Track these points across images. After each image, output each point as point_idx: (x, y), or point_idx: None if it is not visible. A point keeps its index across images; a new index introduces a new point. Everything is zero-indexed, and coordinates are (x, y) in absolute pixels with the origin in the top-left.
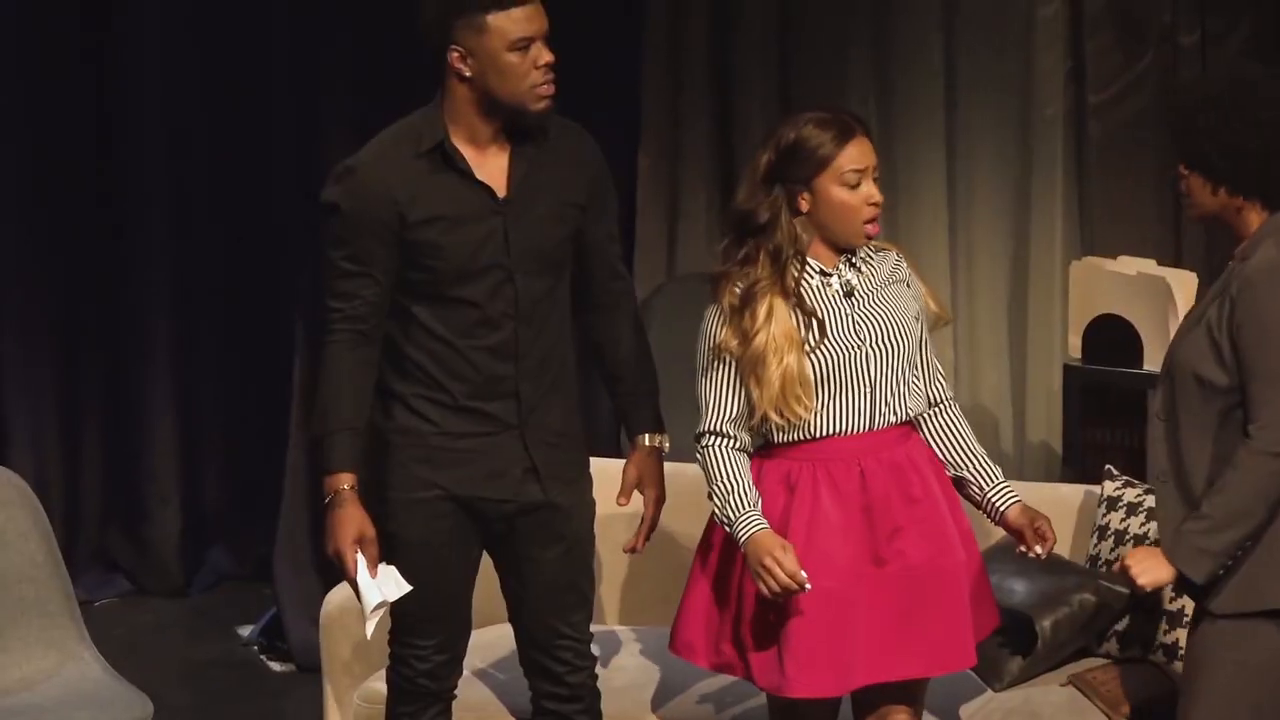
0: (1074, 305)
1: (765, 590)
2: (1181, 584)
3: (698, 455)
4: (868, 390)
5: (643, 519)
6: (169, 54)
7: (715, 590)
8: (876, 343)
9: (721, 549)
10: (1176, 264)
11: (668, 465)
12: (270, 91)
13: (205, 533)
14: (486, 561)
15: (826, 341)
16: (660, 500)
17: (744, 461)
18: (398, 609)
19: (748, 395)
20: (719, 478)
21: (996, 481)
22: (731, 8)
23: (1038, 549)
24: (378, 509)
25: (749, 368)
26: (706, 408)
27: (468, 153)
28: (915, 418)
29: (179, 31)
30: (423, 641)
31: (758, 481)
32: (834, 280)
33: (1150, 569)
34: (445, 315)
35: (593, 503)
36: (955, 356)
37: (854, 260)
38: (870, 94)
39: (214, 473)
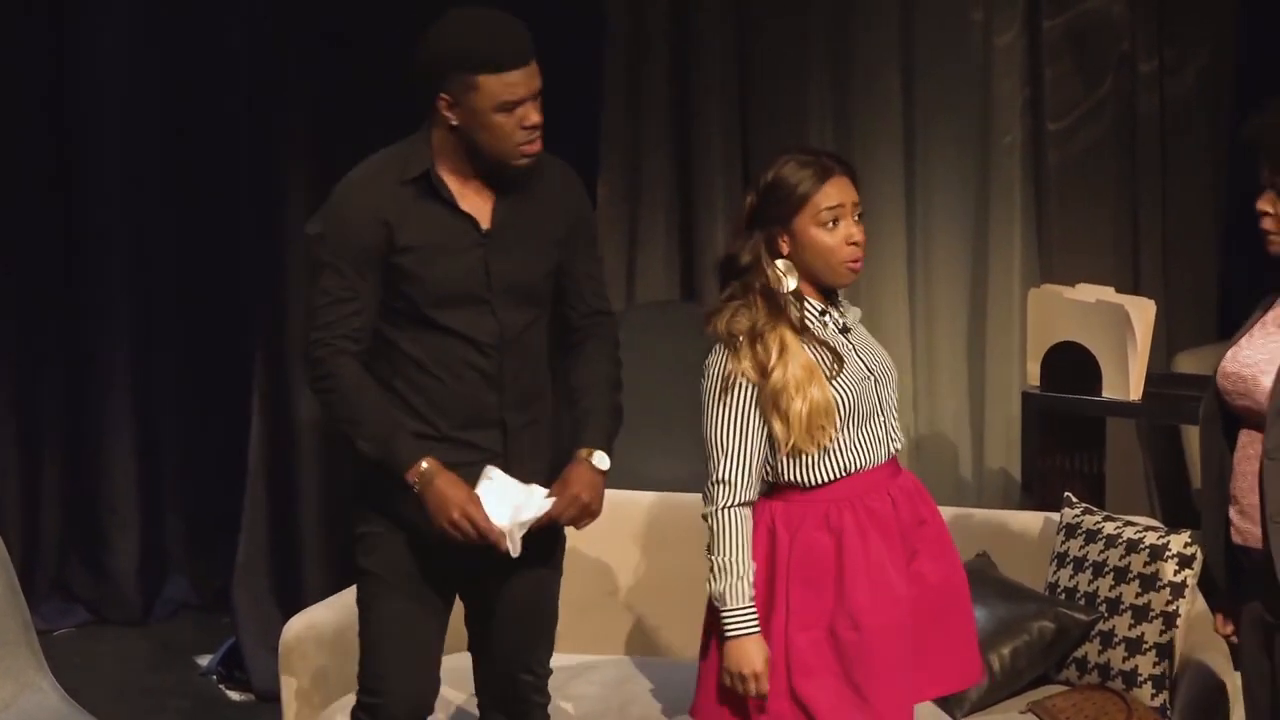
0: (1032, 332)
1: (740, 690)
2: None
3: (714, 516)
4: (881, 419)
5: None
6: (133, 74)
7: None
8: (880, 373)
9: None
10: (1135, 291)
11: (621, 492)
12: (237, 127)
13: (164, 562)
14: None
15: (846, 374)
16: (582, 504)
17: (750, 531)
18: (370, 654)
19: (769, 435)
20: (731, 552)
21: None
22: (691, 37)
23: None
24: (357, 542)
25: (769, 401)
26: (727, 460)
27: (452, 184)
28: None
29: (140, 47)
30: (392, 691)
31: (792, 527)
32: (829, 319)
33: None
34: (429, 345)
35: (564, 536)
36: (914, 383)
37: (836, 301)
38: (828, 122)
39: (173, 503)
